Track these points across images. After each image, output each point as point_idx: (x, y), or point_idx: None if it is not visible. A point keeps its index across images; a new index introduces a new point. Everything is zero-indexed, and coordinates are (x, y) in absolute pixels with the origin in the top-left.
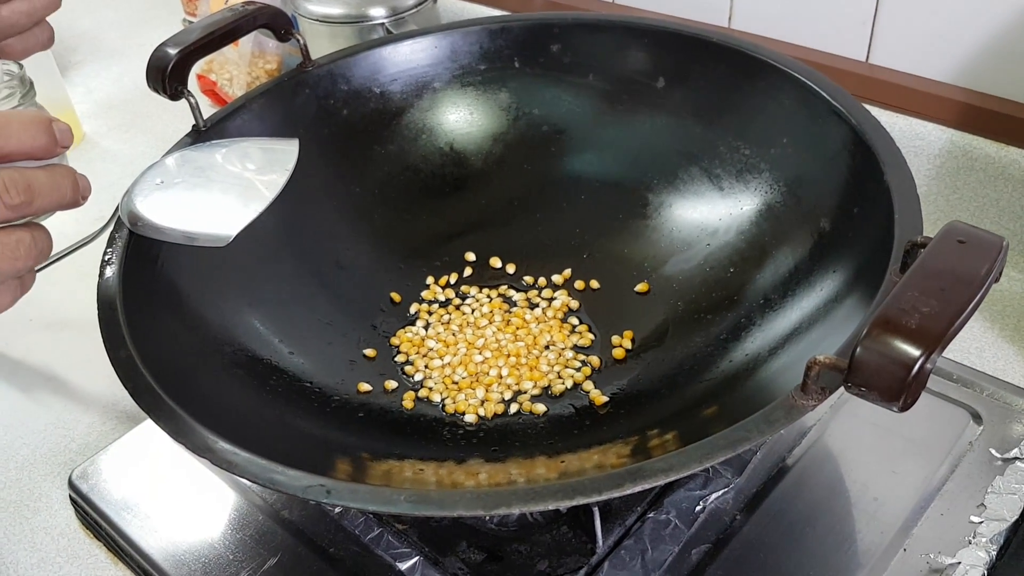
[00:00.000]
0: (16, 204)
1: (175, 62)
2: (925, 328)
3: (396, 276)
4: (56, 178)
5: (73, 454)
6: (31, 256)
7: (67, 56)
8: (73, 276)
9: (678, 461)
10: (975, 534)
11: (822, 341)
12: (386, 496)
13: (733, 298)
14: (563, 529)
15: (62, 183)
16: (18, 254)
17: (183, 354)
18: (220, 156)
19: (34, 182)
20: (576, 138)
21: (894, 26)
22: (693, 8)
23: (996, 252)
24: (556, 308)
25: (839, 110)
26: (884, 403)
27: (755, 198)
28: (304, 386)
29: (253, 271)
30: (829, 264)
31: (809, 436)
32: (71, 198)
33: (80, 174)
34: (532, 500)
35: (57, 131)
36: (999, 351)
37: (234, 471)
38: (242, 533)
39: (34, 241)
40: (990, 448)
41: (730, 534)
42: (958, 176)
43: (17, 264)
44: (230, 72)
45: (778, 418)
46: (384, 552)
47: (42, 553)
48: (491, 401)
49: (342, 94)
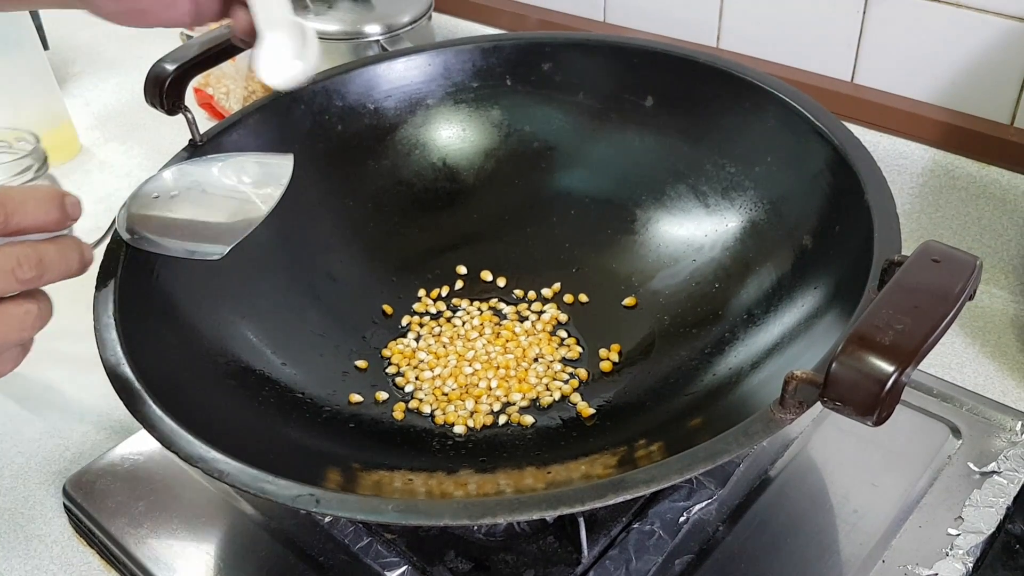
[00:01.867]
0: (28, 279)
1: (173, 78)
2: (899, 345)
3: (388, 289)
4: (65, 251)
5: (67, 462)
6: (37, 326)
7: (65, 68)
8: (70, 286)
9: (659, 472)
10: (952, 546)
11: (802, 355)
12: (374, 505)
13: (718, 313)
14: (549, 539)
15: (70, 256)
16: (25, 324)
17: (177, 364)
18: (216, 170)
19: (45, 257)
20: (566, 155)
21: (879, 47)
22: (682, 28)
23: (970, 271)
24: (545, 321)
25: (821, 129)
26: (859, 417)
27: (740, 215)
28: (296, 397)
29: (247, 283)
30: (810, 280)
31: (792, 448)
32: (77, 270)
33: (85, 243)
34: (517, 510)
35: (68, 205)
36: (979, 367)
37: (225, 480)
38: (233, 542)
39: (40, 311)
40: (968, 462)
41: (713, 544)
42: (940, 194)
43: (24, 334)
44: (227, 86)
45: (757, 431)
46: (373, 561)
47: (36, 561)
48: (480, 412)
49: (337, 110)
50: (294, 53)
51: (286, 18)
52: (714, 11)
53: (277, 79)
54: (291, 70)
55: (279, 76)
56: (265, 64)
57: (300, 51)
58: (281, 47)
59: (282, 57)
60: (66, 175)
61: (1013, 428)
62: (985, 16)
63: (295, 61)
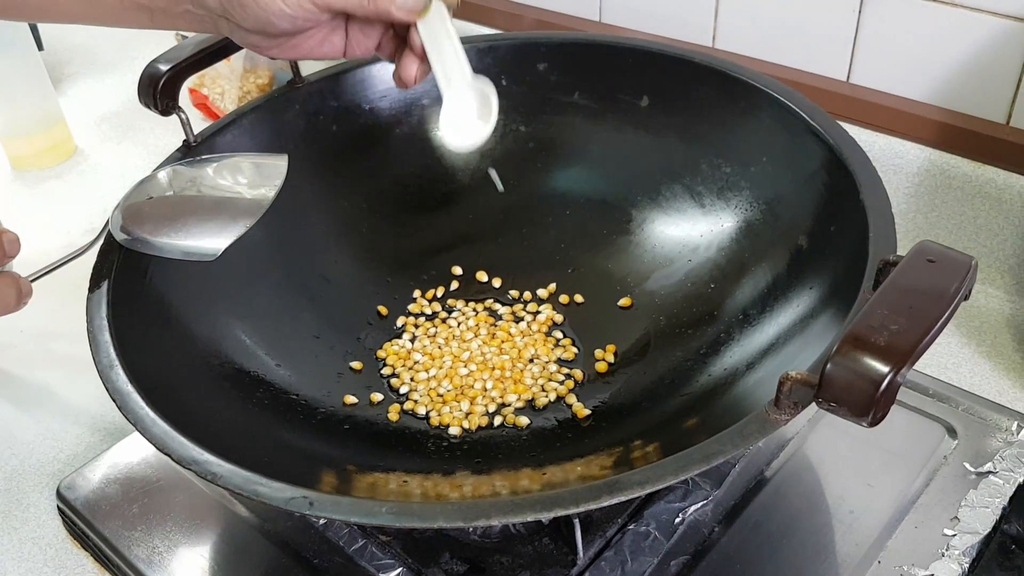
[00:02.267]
0: None
1: (166, 78)
2: (893, 345)
3: (383, 290)
4: (2, 289)
5: (62, 465)
6: None
7: (60, 68)
8: (63, 288)
9: (654, 474)
10: (948, 547)
11: (798, 355)
12: (368, 508)
13: (713, 313)
14: (545, 540)
15: (7, 293)
16: None
17: (171, 367)
18: (210, 171)
19: None
20: (562, 155)
21: (874, 47)
22: (678, 28)
23: (965, 271)
24: (541, 322)
25: (816, 129)
26: (854, 418)
27: (735, 215)
28: (290, 398)
29: (241, 284)
30: (806, 280)
31: (787, 449)
32: (14, 307)
33: (22, 278)
34: (511, 512)
35: (6, 243)
36: (975, 367)
37: (218, 482)
38: (227, 544)
39: None
40: (964, 462)
41: (708, 546)
42: (936, 194)
43: None
44: (222, 87)
45: (752, 432)
46: (368, 563)
47: (30, 563)
48: (475, 414)
49: (332, 110)
50: (476, 113)
51: (467, 79)
52: (710, 11)
53: (461, 141)
54: (474, 131)
55: (463, 138)
56: (447, 124)
57: (481, 110)
58: (463, 107)
59: (465, 117)
60: (60, 176)
61: (1009, 428)
62: (980, 15)
63: (477, 121)
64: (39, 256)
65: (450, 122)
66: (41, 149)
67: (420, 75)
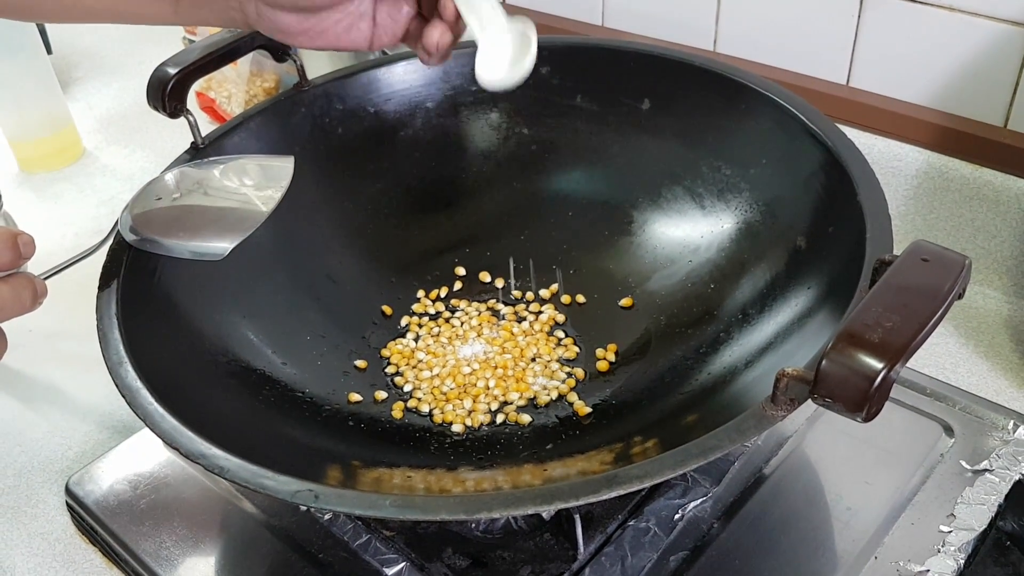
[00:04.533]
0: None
1: (175, 81)
2: (887, 342)
3: (387, 290)
4: (18, 290)
5: (70, 461)
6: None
7: (69, 72)
8: (72, 288)
9: (652, 468)
10: (944, 543)
11: (795, 353)
12: (372, 501)
13: (713, 312)
14: (546, 536)
15: (23, 294)
16: None
17: (178, 364)
18: (218, 172)
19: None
20: (564, 157)
21: (873, 51)
22: (680, 32)
23: (959, 270)
24: (543, 322)
25: (815, 131)
26: (848, 414)
27: (735, 216)
28: (296, 396)
29: (248, 284)
30: (804, 280)
31: (786, 447)
32: (30, 307)
33: (37, 279)
34: (512, 505)
35: (21, 244)
36: (973, 366)
37: (226, 476)
38: (234, 539)
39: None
40: (961, 460)
41: (708, 541)
42: (935, 196)
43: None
44: (229, 90)
45: (749, 427)
46: (372, 558)
47: (39, 558)
48: (478, 411)
49: (337, 113)
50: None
51: (502, 25)
52: (711, 15)
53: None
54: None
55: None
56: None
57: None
58: (500, 51)
59: (501, 59)
60: (69, 178)
61: (1005, 427)
62: (978, 20)
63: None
64: (47, 257)
65: (486, 64)
66: (50, 151)
67: (443, 43)
